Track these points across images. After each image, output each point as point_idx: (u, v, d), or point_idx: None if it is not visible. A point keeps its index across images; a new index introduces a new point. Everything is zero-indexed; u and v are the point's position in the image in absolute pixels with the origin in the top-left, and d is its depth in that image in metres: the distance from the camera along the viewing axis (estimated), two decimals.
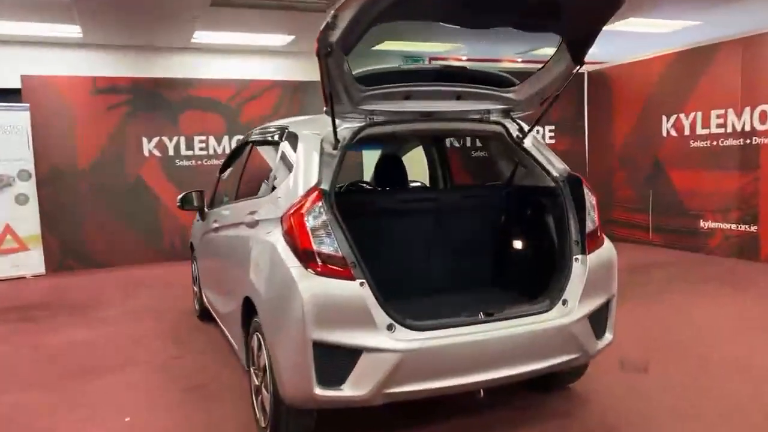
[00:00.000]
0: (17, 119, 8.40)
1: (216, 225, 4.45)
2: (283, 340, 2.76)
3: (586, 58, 3.10)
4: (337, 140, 3.04)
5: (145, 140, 9.12)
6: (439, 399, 3.08)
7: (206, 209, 5.09)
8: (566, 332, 3.02)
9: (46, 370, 4.42)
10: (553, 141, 9.97)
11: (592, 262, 3.16)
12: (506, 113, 3.49)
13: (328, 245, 2.71)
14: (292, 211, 2.79)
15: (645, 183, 9.11)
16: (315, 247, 2.70)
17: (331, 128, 3.02)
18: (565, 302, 3.07)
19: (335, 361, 2.68)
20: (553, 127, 9.97)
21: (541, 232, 3.47)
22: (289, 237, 2.78)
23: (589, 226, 3.24)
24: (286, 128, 3.48)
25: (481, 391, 2.97)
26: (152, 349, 4.84)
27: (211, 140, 9.49)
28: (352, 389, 2.68)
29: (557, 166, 3.41)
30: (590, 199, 3.30)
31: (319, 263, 2.69)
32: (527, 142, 3.48)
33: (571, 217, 3.23)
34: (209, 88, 9.49)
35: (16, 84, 8.59)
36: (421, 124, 3.28)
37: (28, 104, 8.49)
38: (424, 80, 3.19)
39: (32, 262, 8.53)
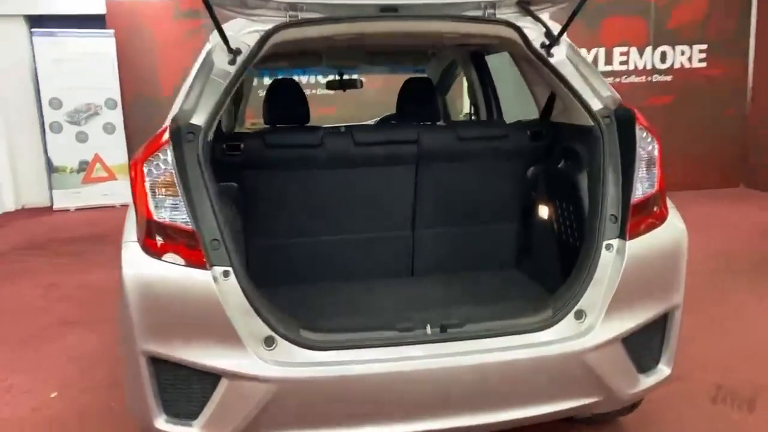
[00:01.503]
0: (103, 46, 8.23)
1: None
2: (122, 346, 1.93)
3: None
4: (231, 50, 2.04)
5: None
6: None
7: None
8: (577, 363, 1.88)
9: (29, 320, 4.07)
10: (704, 65, 7.91)
11: (637, 250, 1.93)
12: (523, 7, 2.22)
13: (175, 213, 1.78)
14: (132, 160, 1.90)
15: None
16: (155, 214, 1.79)
17: (233, 33, 2.05)
18: (580, 315, 1.91)
19: (184, 387, 1.80)
20: (704, 47, 7.87)
21: (571, 196, 2.25)
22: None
23: (640, 191, 1.97)
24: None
25: None
26: None
27: None
28: (205, 429, 1.79)
29: (601, 94, 2.13)
30: (647, 146, 2.01)
31: (159, 240, 1.77)
32: (557, 56, 2.21)
33: (610, 177, 1.99)
34: None
35: (101, 10, 8.38)
36: (377, 23, 2.16)
37: (113, 30, 8.27)
38: None
39: (120, 191, 8.49)
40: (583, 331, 1.89)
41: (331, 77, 4.37)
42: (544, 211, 2.48)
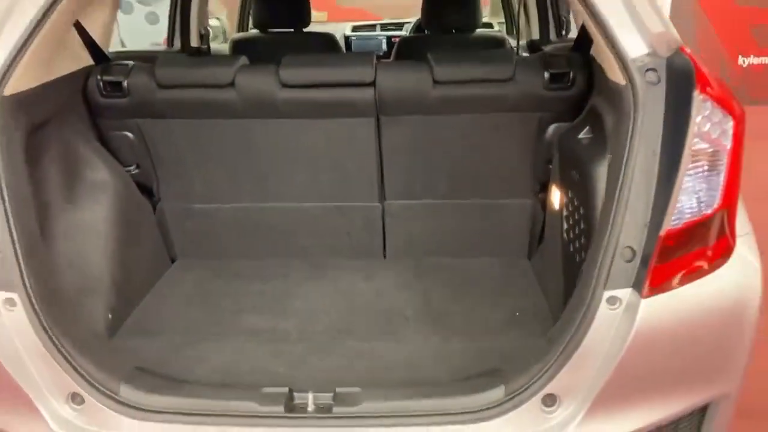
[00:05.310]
0: None
1: None
2: None
3: None
4: None
5: None
6: None
7: None
8: None
9: None
10: None
11: (659, 312, 1.15)
12: None
13: None
14: None
15: None
16: None
17: None
18: (551, 401, 1.21)
19: None
20: None
21: (584, 190, 1.44)
22: None
23: (687, 209, 1.15)
24: None
25: None
26: None
27: None
28: None
29: (650, 28, 1.22)
30: (714, 129, 1.15)
31: None
32: None
33: (637, 176, 1.17)
34: None
35: None
36: None
37: None
38: None
39: None
40: (552, 428, 1.19)
41: None
42: (555, 198, 1.68)
